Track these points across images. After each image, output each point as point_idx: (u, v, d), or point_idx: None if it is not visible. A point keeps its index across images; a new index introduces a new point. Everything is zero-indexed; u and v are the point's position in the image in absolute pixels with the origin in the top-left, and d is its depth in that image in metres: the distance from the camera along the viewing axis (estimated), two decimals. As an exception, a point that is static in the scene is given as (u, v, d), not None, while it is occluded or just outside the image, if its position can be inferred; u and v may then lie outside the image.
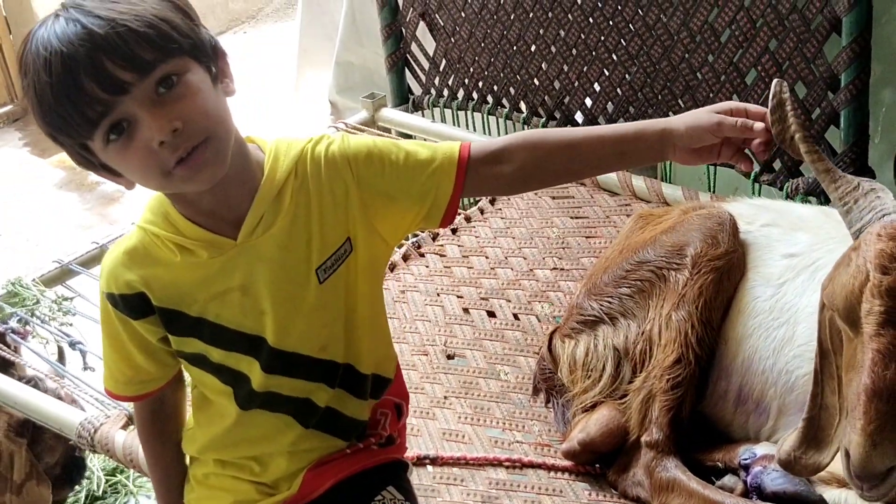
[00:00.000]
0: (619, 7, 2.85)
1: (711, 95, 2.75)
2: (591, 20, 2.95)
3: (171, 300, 1.52)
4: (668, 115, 2.84)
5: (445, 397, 2.25)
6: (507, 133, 3.48)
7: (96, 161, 1.42)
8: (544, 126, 3.21)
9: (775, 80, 1.56)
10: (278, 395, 1.58)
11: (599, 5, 2.91)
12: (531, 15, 3.09)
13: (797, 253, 1.95)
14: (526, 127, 3.28)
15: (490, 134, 3.42)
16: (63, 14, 1.34)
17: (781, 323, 1.90)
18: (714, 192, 2.78)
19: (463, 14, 3.29)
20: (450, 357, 2.39)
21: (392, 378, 1.71)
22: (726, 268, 1.98)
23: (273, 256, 1.51)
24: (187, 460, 1.72)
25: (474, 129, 3.44)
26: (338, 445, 1.64)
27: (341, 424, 1.64)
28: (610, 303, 2.10)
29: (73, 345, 2.44)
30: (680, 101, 2.84)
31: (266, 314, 1.53)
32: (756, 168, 2.59)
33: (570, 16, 3.00)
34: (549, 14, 3.05)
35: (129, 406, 2.25)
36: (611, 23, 2.90)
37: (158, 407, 1.67)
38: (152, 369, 1.59)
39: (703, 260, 1.98)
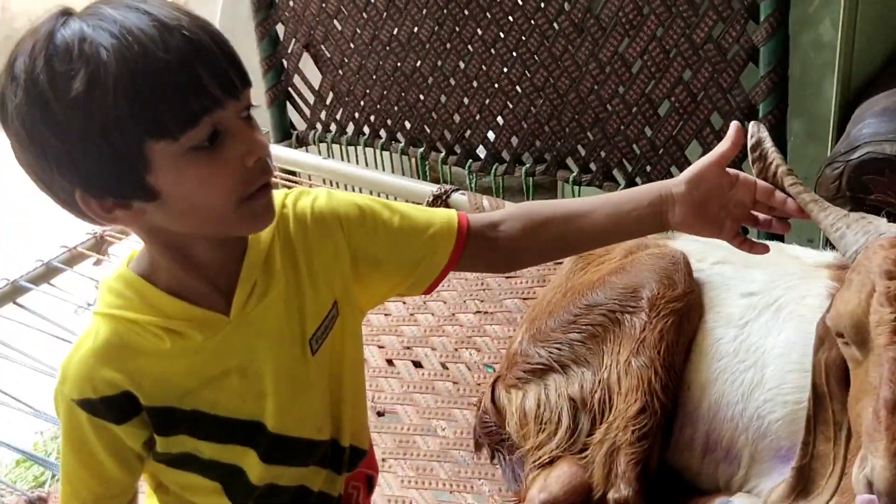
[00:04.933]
0: (524, 38, 2.77)
1: (622, 127, 2.69)
2: (492, 51, 2.86)
3: (161, 396, 1.29)
4: (576, 149, 2.82)
5: (384, 460, 2.08)
6: (402, 167, 3.36)
7: (138, 173, 1.16)
8: (444, 161, 3.10)
9: (752, 123, 1.52)
10: (276, 487, 1.39)
11: (502, 36, 2.82)
12: (427, 46, 2.98)
13: (756, 291, 1.89)
14: (426, 163, 3.16)
15: (384, 170, 3.28)
16: (140, 3, 1.15)
17: (748, 366, 1.83)
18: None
19: (352, 45, 3.15)
20: (380, 414, 2.23)
21: (367, 450, 1.55)
22: (686, 309, 1.89)
23: (270, 329, 1.32)
24: None
25: (366, 165, 3.30)
26: None
27: None
28: (560, 349, 1.98)
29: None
30: (589, 133, 2.77)
31: (266, 396, 1.34)
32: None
33: (470, 47, 2.90)
34: (448, 45, 2.94)
35: (29, 491, 1.99)
36: (514, 54, 2.82)
37: None
38: (124, 479, 1.35)
39: (662, 302, 1.89)
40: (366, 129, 3.27)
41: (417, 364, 2.38)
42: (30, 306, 2.66)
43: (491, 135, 3.00)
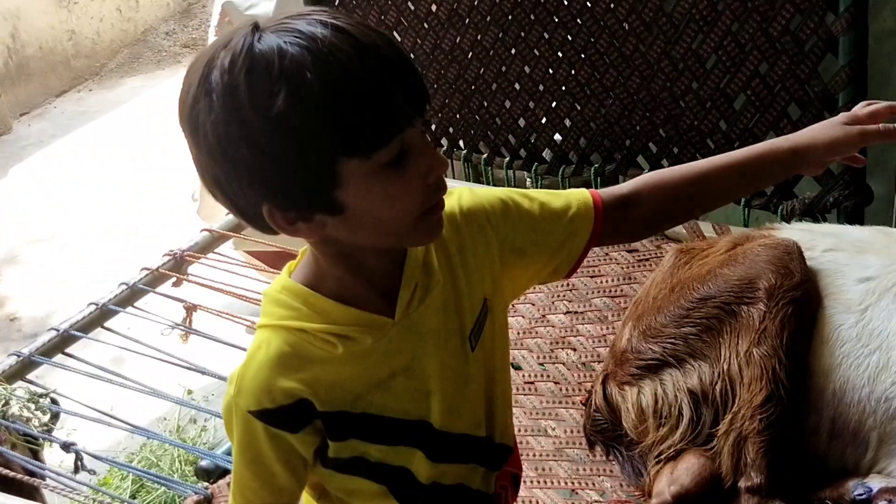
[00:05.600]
0: (593, 39, 2.80)
1: (696, 122, 2.72)
2: (559, 54, 2.89)
3: (335, 401, 1.31)
4: (647, 146, 2.84)
5: (502, 461, 2.10)
6: (466, 175, 3.38)
7: (326, 188, 1.19)
8: (508, 166, 3.12)
9: None
10: (440, 486, 1.41)
11: (570, 38, 2.84)
12: (491, 53, 3.00)
13: (873, 276, 1.91)
14: (490, 168, 3.18)
15: (446, 176, 3.30)
16: (328, 19, 1.17)
17: (873, 349, 1.85)
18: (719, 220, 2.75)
19: (412, 56, 3.17)
20: (488, 417, 2.25)
21: (513, 447, 1.57)
22: (804, 298, 1.91)
23: (432, 329, 1.35)
24: None
25: (427, 174, 3.32)
26: None
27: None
28: (674, 344, 2.00)
29: (66, 446, 2.16)
30: (661, 130, 2.79)
31: (432, 395, 1.36)
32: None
33: (536, 51, 2.92)
34: (513, 51, 2.96)
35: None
36: (582, 56, 2.84)
37: None
38: (294, 489, 1.37)
39: (780, 292, 1.91)
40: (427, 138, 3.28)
41: (516, 366, 2.40)
42: (117, 328, 2.69)
43: (558, 137, 3.02)
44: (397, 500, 1.41)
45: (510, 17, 2.91)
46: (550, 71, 2.92)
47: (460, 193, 1.43)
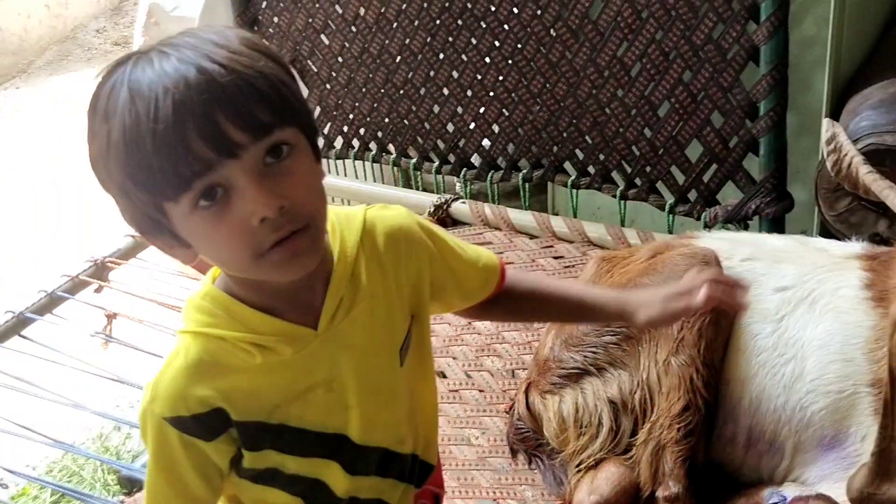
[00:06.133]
0: (520, 45, 2.79)
1: (621, 130, 2.73)
2: (487, 60, 2.88)
3: (252, 411, 1.29)
4: (574, 153, 2.84)
5: (424, 472, 2.09)
6: (395, 180, 3.37)
7: (165, 226, 1.18)
8: (437, 171, 3.11)
9: (826, 119, 1.56)
10: (358, 501, 1.40)
11: (497, 44, 2.84)
12: (420, 57, 2.99)
13: (789, 286, 1.93)
14: (419, 173, 3.17)
15: (376, 181, 3.29)
16: (173, 52, 1.11)
17: (788, 359, 1.87)
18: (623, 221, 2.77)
19: (340, 59, 3.15)
20: (412, 426, 2.23)
21: (436, 465, 1.56)
22: (721, 308, 1.93)
23: (356, 342, 1.33)
24: None
25: (356, 177, 3.30)
26: None
27: None
28: (595, 353, 2.01)
29: (-24, 462, 2.11)
30: (587, 137, 2.80)
31: (351, 408, 1.34)
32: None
33: (464, 56, 2.91)
34: (441, 55, 2.95)
35: None
36: (510, 62, 2.84)
37: None
38: (208, 498, 1.34)
39: (698, 301, 1.92)
40: (355, 143, 3.26)
41: (441, 374, 2.39)
42: (35, 337, 2.63)
43: (486, 142, 3.01)
44: None
45: (438, 22, 2.90)
46: (478, 76, 2.91)
47: (400, 211, 1.42)
